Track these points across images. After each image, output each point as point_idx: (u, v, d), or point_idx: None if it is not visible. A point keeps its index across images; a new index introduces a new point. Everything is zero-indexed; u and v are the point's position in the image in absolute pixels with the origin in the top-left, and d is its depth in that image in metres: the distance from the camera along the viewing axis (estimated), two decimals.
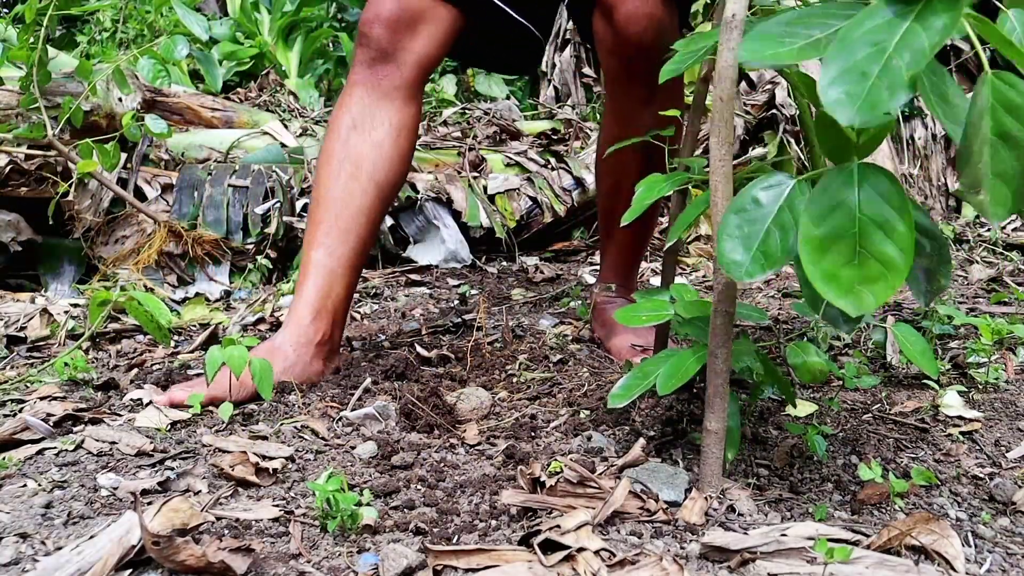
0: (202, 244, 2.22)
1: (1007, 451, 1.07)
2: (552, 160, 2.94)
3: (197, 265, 2.22)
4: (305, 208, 2.41)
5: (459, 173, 2.83)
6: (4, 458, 1.02)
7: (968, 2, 0.69)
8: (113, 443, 1.06)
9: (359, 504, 0.85)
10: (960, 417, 1.17)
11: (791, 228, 0.81)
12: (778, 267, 0.81)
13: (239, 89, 3.56)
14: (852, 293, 0.73)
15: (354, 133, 1.38)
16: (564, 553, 0.76)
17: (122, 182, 2.37)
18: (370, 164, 1.37)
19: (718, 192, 0.87)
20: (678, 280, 1.95)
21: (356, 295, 1.44)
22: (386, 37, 1.36)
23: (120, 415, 1.18)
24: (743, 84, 3.21)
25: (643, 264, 2.59)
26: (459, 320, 1.73)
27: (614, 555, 0.76)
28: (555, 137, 3.18)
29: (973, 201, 0.70)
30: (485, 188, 2.79)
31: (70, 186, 2.04)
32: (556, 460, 0.91)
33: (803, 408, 1.18)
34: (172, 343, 1.66)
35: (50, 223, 2.08)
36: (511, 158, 2.94)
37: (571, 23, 3.76)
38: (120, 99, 2.36)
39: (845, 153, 0.80)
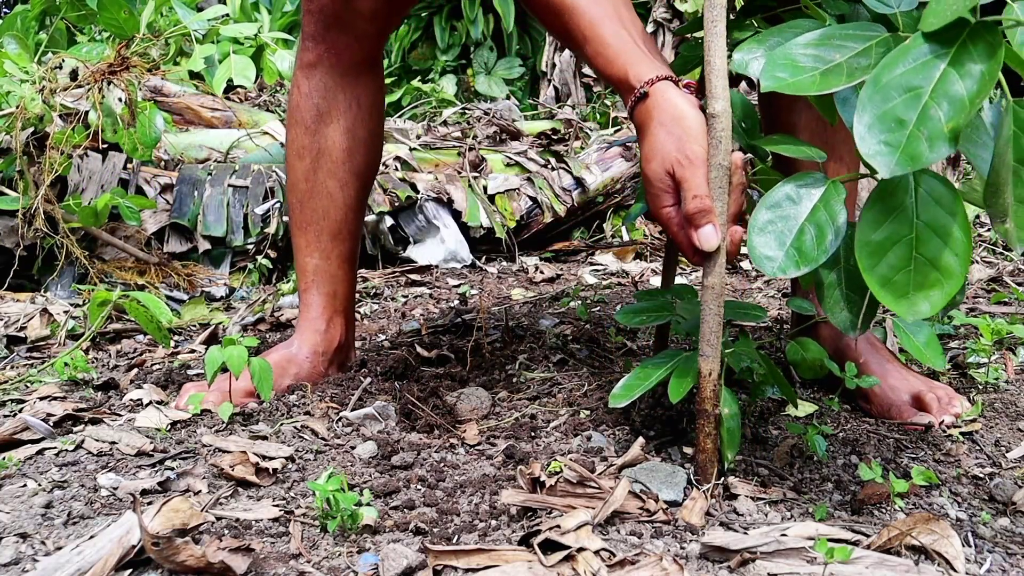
0: (194, 280, 2.24)
1: (1007, 451, 1.07)
2: (552, 160, 2.94)
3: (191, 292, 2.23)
4: None
5: (459, 173, 2.83)
6: (4, 458, 1.02)
7: (1005, 48, 0.66)
8: (113, 443, 1.06)
9: (359, 504, 0.85)
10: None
11: (827, 226, 0.80)
12: (813, 265, 0.80)
13: (239, 89, 3.56)
14: (907, 298, 0.73)
15: (322, 123, 1.30)
16: (564, 553, 0.76)
17: (123, 183, 2.37)
18: (345, 154, 1.31)
19: (711, 48, 0.86)
20: (679, 280, 1.94)
21: (356, 295, 1.44)
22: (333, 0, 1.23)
23: (120, 415, 1.18)
24: (743, 84, 3.21)
25: (643, 264, 2.59)
26: (459, 320, 1.72)
27: (614, 555, 0.76)
28: (555, 137, 3.18)
29: (1000, 230, 0.70)
30: (485, 188, 2.79)
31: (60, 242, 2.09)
32: (556, 460, 0.91)
33: (803, 408, 1.18)
34: (172, 343, 1.66)
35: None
36: (511, 158, 2.93)
37: None
38: (120, 99, 2.36)
39: None
